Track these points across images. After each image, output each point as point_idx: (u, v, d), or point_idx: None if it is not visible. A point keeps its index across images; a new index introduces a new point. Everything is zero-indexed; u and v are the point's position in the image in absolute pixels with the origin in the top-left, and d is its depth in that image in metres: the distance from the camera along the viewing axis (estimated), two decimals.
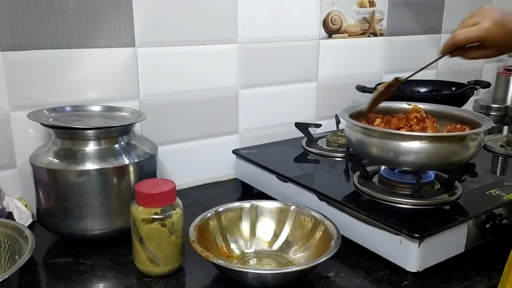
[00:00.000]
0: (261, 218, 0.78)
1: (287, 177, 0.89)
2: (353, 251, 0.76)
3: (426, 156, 0.73)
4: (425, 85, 1.28)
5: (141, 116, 0.83)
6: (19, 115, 0.83)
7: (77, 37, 0.85)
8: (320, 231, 0.72)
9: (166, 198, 0.67)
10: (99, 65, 0.89)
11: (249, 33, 1.05)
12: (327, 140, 1.09)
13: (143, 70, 0.93)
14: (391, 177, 0.82)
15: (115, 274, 0.70)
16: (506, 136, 1.14)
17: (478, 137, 0.76)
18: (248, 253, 0.75)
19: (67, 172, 0.72)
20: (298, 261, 0.72)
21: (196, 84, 1.01)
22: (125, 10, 0.89)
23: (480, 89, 1.21)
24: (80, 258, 0.74)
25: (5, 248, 0.67)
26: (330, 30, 1.19)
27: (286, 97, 1.15)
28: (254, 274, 0.64)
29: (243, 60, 1.06)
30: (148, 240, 0.67)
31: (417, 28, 1.35)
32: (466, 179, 0.83)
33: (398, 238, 0.68)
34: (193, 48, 0.98)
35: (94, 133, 0.74)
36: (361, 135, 0.78)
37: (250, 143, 1.09)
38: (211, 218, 0.74)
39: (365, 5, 1.24)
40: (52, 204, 0.74)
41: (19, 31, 0.80)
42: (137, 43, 0.91)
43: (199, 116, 1.03)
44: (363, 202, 0.79)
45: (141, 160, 0.77)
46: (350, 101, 1.23)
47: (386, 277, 0.69)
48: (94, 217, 0.74)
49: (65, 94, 0.86)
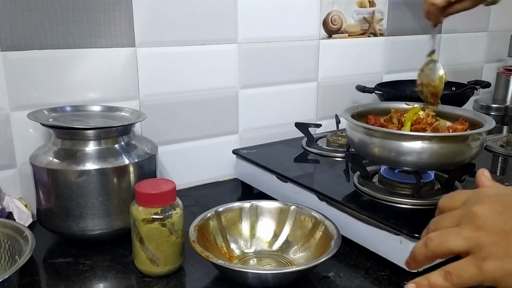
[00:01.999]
0: (261, 218, 0.78)
1: (287, 177, 0.89)
2: (353, 251, 0.76)
3: (429, 156, 0.73)
4: None
5: (141, 116, 0.83)
6: (19, 115, 0.83)
7: (77, 37, 0.85)
8: (320, 231, 0.72)
9: (166, 198, 0.67)
10: (99, 65, 0.89)
11: (249, 33, 1.05)
12: (327, 140, 1.10)
13: (143, 70, 0.93)
14: (391, 177, 0.82)
15: (115, 274, 0.70)
16: (506, 136, 1.14)
17: (481, 137, 0.76)
18: (248, 253, 0.75)
19: (67, 172, 0.72)
20: (298, 261, 0.72)
21: (196, 84, 1.01)
22: (125, 10, 0.89)
23: (480, 89, 1.21)
24: (80, 258, 0.74)
25: (5, 248, 0.67)
26: (330, 30, 1.19)
27: (286, 97, 1.15)
28: (254, 274, 0.64)
29: (243, 60, 1.06)
30: (148, 240, 0.67)
31: (417, 28, 1.35)
32: (466, 179, 0.83)
33: (398, 238, 0.68)
34: (193, 48, 0.98)
35: (94, 133, 0.74)
36: (363, 135, 0.78)
37: (250, 143, 1.09)
38: (211, 218, 0.74)
39: (365, 5, 1.24)
40: (52, 204, 0.74)
41: (19, 31, 0.80)
42: (137, 43, 0.91)
43: (199, 116, 1.03)
44: (363, 202, 0.79)
45: (141, 160, 0.77)
46: (350, 101, 1.23)
47: (386, 277, 0.69)
48: (94, 217, 0.74)
49: (65, 94, 0.86)
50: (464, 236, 0.39)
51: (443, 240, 0.40)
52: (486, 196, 0.41)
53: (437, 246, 0.41)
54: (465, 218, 0.40)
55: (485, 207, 0.39)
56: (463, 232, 0.39)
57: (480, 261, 0.38)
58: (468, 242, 0.39)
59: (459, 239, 0.39)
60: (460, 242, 0.39)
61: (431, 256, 0.42)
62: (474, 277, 0.38)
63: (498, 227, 0.38)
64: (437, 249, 0.41)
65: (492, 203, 0.40)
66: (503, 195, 0.41)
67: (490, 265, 0.37)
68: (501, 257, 0.37)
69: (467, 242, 0.39)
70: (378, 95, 1.17)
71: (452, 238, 0.40)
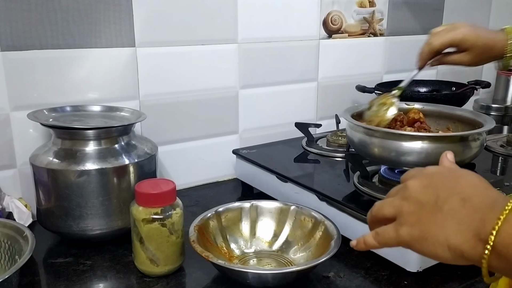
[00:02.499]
0: (261, 218, 0.78)
1: (287, 177, 0.89)
2: (353, 251, 0.75)
3: (428, 156, 0.73)
4: (425, 85, 1.28)
5: (141, 116, 0.83)
6: (19, 115, 0.83)
7: (77, 37, 0.85)
8: (320, 231, 0.72)
9: (166, 198, 0.67)
10: (99, 65, 0.89)
11: (249, 33, 1.05)
12: (327, 140, 1.10)
13: (143, 70, 0.93)
14: (391, 177, 0.82)
15: (115, 274, 0.70)
16: (506, 136, 1.14)
17: (481, 137, 0.76)
18: (248, 253, 0.75)
19: (67, 172, 0.72)
20: (298, 261, 0.72)
21: (196, 84, 1.01)
22: (125, 10, 0.89)
23: (480, 89, 1.21)
24: (80, 258, 0.74)
25: (5, 248, 0.67)
26: (330, 30, 1.19)
27: (286, 97, 1.15)
28: (254, 274, 0.64)
29: (243, 60, 1.06)
30: (148, 240, 0.67)
31: (417, 28, 1.35)
32: None
33: None
34: (193, 48, 0.98)
35: (94, 133, 0.74)
36: (363, 135, 0.78)
37: (250, 143, 1.09)
38: (211, 218, 0.74)
39: (365, 5, 1.24)
40: (52, 204, 0.74)
41: (19, 31, 0.80)
42: (137, 43, 0.91)
43: (199, 116, 1.03)
44: (363, 202, 0.79)
45: (141, 160, 0.77)
46: (350, 101, 1.23)
47: (386, 277, 0.69)
48: (94, 217, 0.74)
49: (65, 94, 0.86)
50: (393, 204, 0.44)
51: (380, 207, 0.46)
52: (423, 173, 0.45)
53: (377, 212, 0.47)
54: (400, 189, 0.45)
55: (415, 181, 0.44)
56: (394, 200, 0.45)
57: (398, 226, 0.43)
58: (394, 209, 0.44)
59: (390, 206, 0.45)
60: (390, 209, 0.45)
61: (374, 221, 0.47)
62: (393, 239, 0.44)
63: (418, 198, 0.42)
64: (376, 213, 0.47)
65: (423, 179, 0.44)
66: (437, 174, 0.44)
67: (403, 230, 0.42)
68: (412, 224, 0.42)
69: (393, 209, 0.44)
70: (378, 95, 1.17)
71: (386, 205, 0.45)
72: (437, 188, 0.42)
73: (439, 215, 0.40)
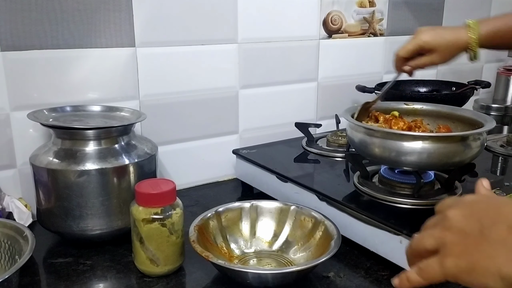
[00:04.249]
0: (261, 218, 0.78)
1: (287, 177, 0.89)
2: (353, 251, 0.76)
3: (429, 156, 0.73)
4: (425, 85, 1.27)
5: (141, 116, 0.83)
6: (19, 115, 0.83)
7: (77, 37, 0.85)
8: (320, 231, 0.72)
9: (166, 198, 0.67)
10: (99, 65, 0.89)
11: (249, 33, 1.05)
12: (327, 140, 1.10)
13: (143, 70, 0.93)
14: (391, 177, 0.82)
15: (115, 274, 0.70)
16: (506, 136, 1.14)
17: (481, 137, 0.76)
18: (248, 253, 0.75)
19: (67, 172, 0.72)
20: (298, 261, 0.72)
21: (196, 84, 1.01)
22: (125, 10, 0.89)
23: (480, 89, 1.21)
24: (80, 258, 0.74)
25: (5, 248, 0.67)
26: (330, 30, 1.19)
27: (286, 97, 1.15)
28: (254, 274, 0.64)
29: (243, 60, 1.06)
30: (148, 240, 0.67)
31: (417, 28, 1.35)
32: (466, 179, 0.83)
33: (398, 238, 0.68)
34: (193, 48, 0.98)
35: (94, 133, 0.74)
36: (364, 136, 0.78)
37: (250, 143, 1.09)
38: (211, 218, 0.74)
39: (365, 5, 1.24)
40: (52, 204, 0.74)
41: (19, 31, 0.80)
42: (137, 43, 0.91)
43: (199, 116, 1.03)
44: (363, 202, 0.79)
45: (141, 160, 0.77)
46: (350, 101, 1.23)
47: (386, 277, 0.69)
48: (94, 217, 0.74)
49: (65, 94, 0.86)
50: (434, 236, 0.42)
51: (420, 239, 0.44)
52: (462, 202, 0.43)
53: (417, 245, 0.44)
54: (440, 220, 0.43)
55: (456, 211, 0.42)
56: (435, 232, 0.43)
57: (442, 258, 0.41)
58: (436, 241, 0.42)
59: (431, 238, 0.42)
60: (431, 241, 0.42)
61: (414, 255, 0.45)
62: (438, 273, 0.41)
63: (461, 228, 0.40)
64: (417, 247, 0.44)
65: (464, 208, 0.42)
66: (477, 202, 0.43)
67: (449, 262, 0.40)
68: (458, 255, 0.40)
69: (435, 241, 0.42)
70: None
71: (426, 237, 0.43)
72: (479, 217, 0.40)
73: (486, 245, 0.38)
